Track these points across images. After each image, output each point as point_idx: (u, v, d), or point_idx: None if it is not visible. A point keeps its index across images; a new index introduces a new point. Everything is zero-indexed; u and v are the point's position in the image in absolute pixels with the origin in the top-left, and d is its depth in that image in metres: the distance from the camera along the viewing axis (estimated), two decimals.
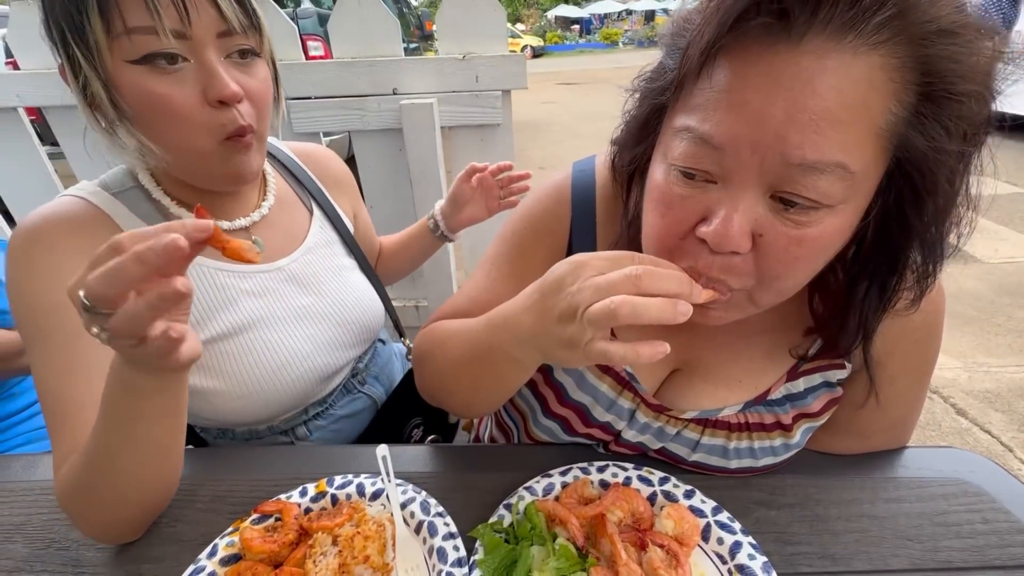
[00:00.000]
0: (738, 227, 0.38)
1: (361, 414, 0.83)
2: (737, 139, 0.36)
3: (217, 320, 0.64)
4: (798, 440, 0.57)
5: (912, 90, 0.35)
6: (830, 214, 0.37)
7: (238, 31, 0.55)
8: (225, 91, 0.54)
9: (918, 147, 0.36)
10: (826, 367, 0.55)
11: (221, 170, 0.59)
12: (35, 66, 1.40)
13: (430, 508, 0.54)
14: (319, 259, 0.75)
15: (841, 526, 0.53)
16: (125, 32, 0.50)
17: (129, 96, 0.53)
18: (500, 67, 1.37)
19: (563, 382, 0.60)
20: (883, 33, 0.33)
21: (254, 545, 0.49)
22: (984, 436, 1.84)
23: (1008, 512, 0.53)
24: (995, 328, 2.42)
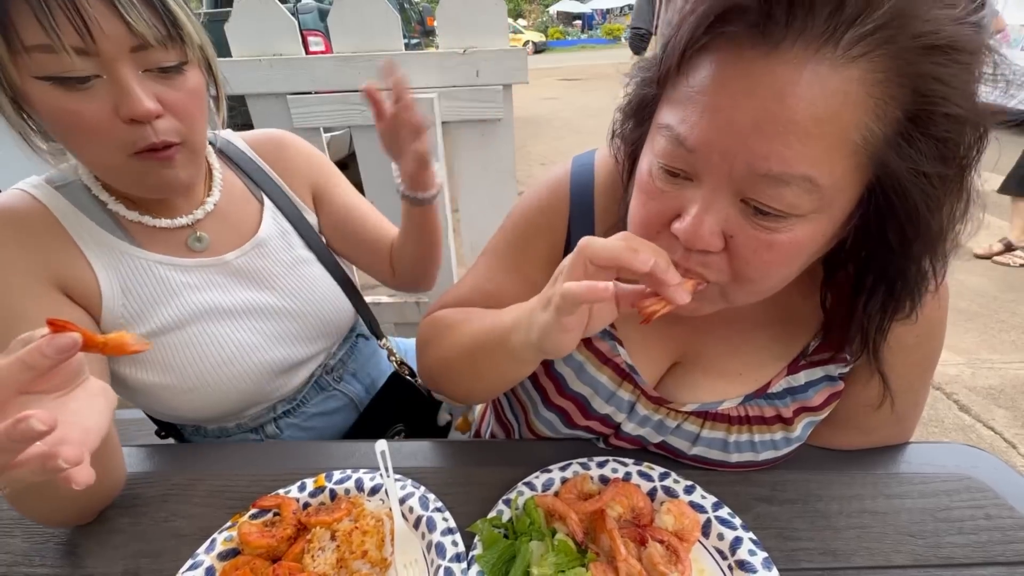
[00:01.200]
0: (707, 227, 0.38)
1: (337, 413, 0.81)
2: (708, 144, 0.36)
3: (158, 313, 0.63)
4: (799, 434, 0.56)
5: (895, 107, 0.33)
6: (801, 222, 0.37)
7: (154, 44, 0.51)
8: (138, 110, 0.50)
9: (895, 168, 0.35)
10: (827, 360, 0.55)
11: (144, 182, 0.57)
12: None
13: (429, 503, 0.53)
14: (272, 252, 0.73)
15: (843, 522, 0.53)
16: (24, 50, 0.47)
17: (40, 109, 0.50)
18: (501, 61, 1.36)
19: (563, 373, 0.60)
20: (863, 46, 0.32)
21: (252, 540, 0.49)
22: (987, 432, 1.83)
23: (1012, 508, 0.53)
24: (999, 324, 2.41)
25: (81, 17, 0.47)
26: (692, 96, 0.37)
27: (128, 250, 0.62)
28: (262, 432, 0.75)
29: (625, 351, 0.58)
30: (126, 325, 0.62)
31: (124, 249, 0.62)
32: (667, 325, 0.57)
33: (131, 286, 0.62)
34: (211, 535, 0.52)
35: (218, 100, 0.65)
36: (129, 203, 0.63)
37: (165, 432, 0.78)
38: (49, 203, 0.59)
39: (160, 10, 0.51)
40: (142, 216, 0.63)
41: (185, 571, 0.48)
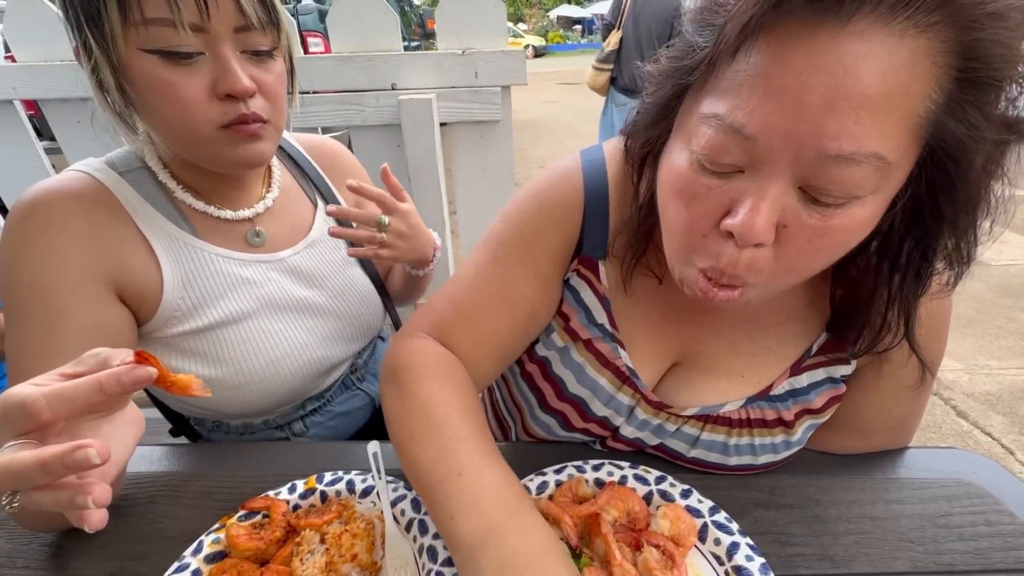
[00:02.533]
0: (765, 218, 0.36)
1: (358, 411, 0.82)
2: (770, 129, 0.34)
3: (217, 306, 0.64)
4: (799, 437, 0.56)
5: (952, 75, 0.32)
6: (858, 205, 0.36)
7: (256, 27, 0.54)
8: (236, 86, 0.53)
9: (956, 134, 0.34)
10: (829, 362, 0.55)
11: (228, 155, 0.58)
12: (31, 59, 1.39)
13: (421, 506, 0.52)
14: (321, 253, 0.74)
15: (841, 527, 0.52)
16: (143, 22, 0.49)
17: (138, 81, 0.52)
18: (500, 63, 1.36)
19: (562, 376, 0.59)
20: (935, 15, 0.31)
21: (240, 542, 0.48)
22: (985, 439, 1.83)
23: (1012, 514, 0.52)
24: (996, 330, 2.41)
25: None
26: (748, 80, 0.35)
27: (191, 241, 0.63)
28: (288, 430, 0.75)
29: (626, 354, 0.57)
30: (183, 318, 0.62)
31: (187, 240, 0.62)
32: (671, 324, 0.57)
33: (192, 278, 0.62)
34: (197, 537, 0.51)
35: (292, 93, 0.66)
36: (195, 192, 0.64)
37: (179, 431, 0.77)
38: (114, 188, 0.59)
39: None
40: (207, 206, 0.64)
41: (171, 574, 0.47)
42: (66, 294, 0.54)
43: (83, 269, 0.55)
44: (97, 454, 0.31)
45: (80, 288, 0.55)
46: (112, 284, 0.57)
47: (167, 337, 0.62)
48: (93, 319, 0.55)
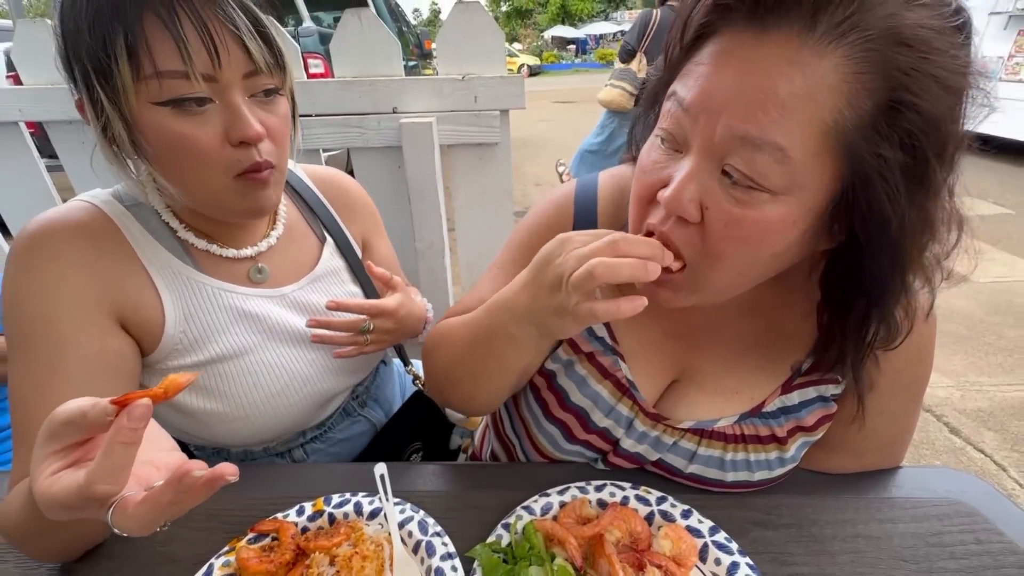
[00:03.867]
0: (688, 194, 0.42)
1: (359, 437, 0.82)
2: (697, 104, 0.41)
3: (219, 341, 0.64)
4: (793, 454, 0.57)
5: (867, 97, 0.37)
6: (772, 201, 0.40)
7: (264, 71, 0.55)
8: (248, 132, 0.54)
9: (861, 153, 0.38)
10: (819, 381, 0.57)
11: (238, 205, 0.59)
12: (38, 81, 1.41)
13: (428, 527, 0.53)
14: (326, 287, 0.75)
15: (837, 546, 0.53)
16: (155, 75, 0.50)
17: (151, 135, 0.53)
18: (499, 88, 1.40)
19: (565, 387, 0.61)
20: (837, 34, 0.36)
21: (250, 565, 0.49)
22: (977, 455, 1.85)
23: (1001, 533, 0.54)
24: (986, 347, 2.45)
25: (213, 44, 0.50)
26: (695, 69, 0.42)
27: (193, 276, 0.63)
28: (288, 456, 0.75)
29: (626, 366, 0.60)
30: (185, 351, 0.62)
31: (189, 275, 0.63)
32: (667, 341, 0.60)
33: (194, 312, 0.62)
34: (207, 560, 0.52)
35: (294, 130, 0.67)
36: (198, 232, 0.64)
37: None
38: (119, 221, 0.60)
39: (271, 38, 0.55)
40: (209, 245, 0.65)
41: None
42: (71, 324, 0.54)
43: (87, 300, 0.55)
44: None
45: (84, 318, 0.55)
46: (116, 315, 0.58)
47: (168, 369, 0.62)
48: (97, 349, 0.55)
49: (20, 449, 0.53)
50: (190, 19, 0.49)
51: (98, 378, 0.55)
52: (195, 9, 0.49)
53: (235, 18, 0.51)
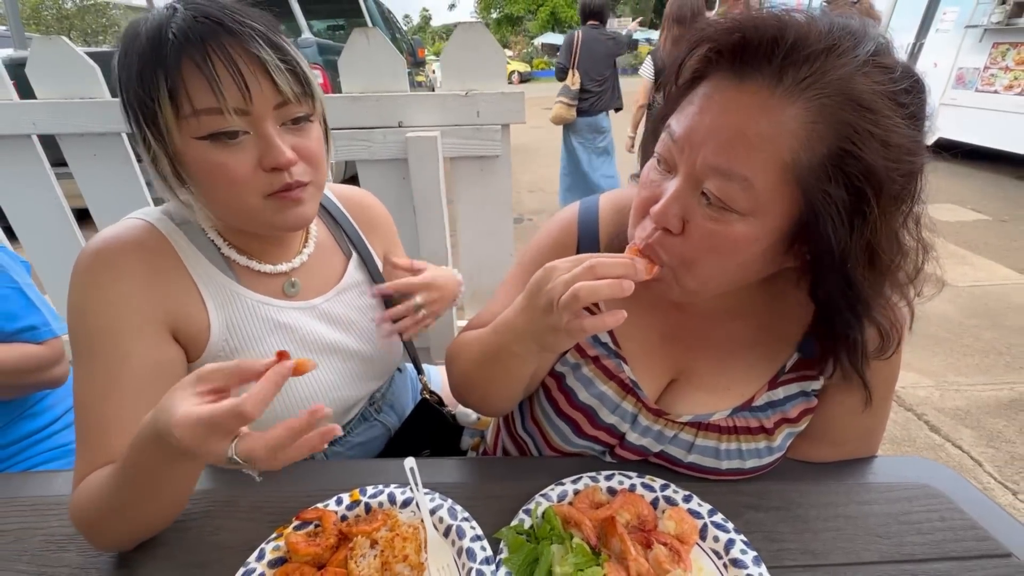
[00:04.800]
0: (673, 210, 0.50)
1: (375, 441, 0.87)
2: (683, 138, 0.49)
3: (257, 349, 0.69)
4: (779, 444, 0.64)
5: (821, 144, 0.44)
6: (740, 221, 0.48)
7: (293, 101, 0.59)
8: (280, 160, 0.58)
9: (811, 190, 0.45)
10: (801, 378, 0.64)
11: (274, 220, 0.63)
12: (51, 95, 1.45)
13: (457, 513, 0.59)
14: (350, 299, 0.80)
15: (820, 525, 0.60)
16: (193, 114, 0.55)
17: (192, 167, 0.58)
18: (500, 103, 1.46)
19: (573, 387, 0.68)
20: (800, 89, 0.44)
21: (300, 548, 0.54)
22: (955, 451, 1.94)
23: (962, 511, 0.61)
24: (964, 349, 2.55)
25: (244, 81, 0.55)
26: (687, 107, 0.51)
27: (235, 288, 0.68)
28: (310, 458, 0.79)
29: (629, 368, 0.67)
30: (225, 358, 0.67)
31: (233, 288, 0.68)
32: (666, 344, 0.67)
33: (235, 323, 0.68)
34: (255, 547, 0.57)
35: (329, 152, 0.71)
36: (239, 249, 0.70)
37: None
38: (171, 238, 0.65)
39: (298, 72, 0.59)
40: (249, 260, 0.70)
41: None
42: (131, 336, 0.60)
43: (145, 313, 0.61)
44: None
45: (143, 330, 0.61)
46: (169, 326, 0.63)
47: None
48: (154, 359, 0.61)
49: (84, 449, 0.58)
50: (221, 60, 0.54)
51: (153, 384, 0.60)
52: (225, 50, 0.54)
53: (262, 54, 0.56)
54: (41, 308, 0.97)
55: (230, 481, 0.69)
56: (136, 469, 0.50)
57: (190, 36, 0.53)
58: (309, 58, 2.92)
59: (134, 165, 1.51)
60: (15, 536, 0.62)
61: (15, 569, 0.58)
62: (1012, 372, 2.37)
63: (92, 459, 0.57)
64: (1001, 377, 2.34)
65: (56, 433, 1.01)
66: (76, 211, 1.61)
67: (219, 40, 0.54)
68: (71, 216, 1.59)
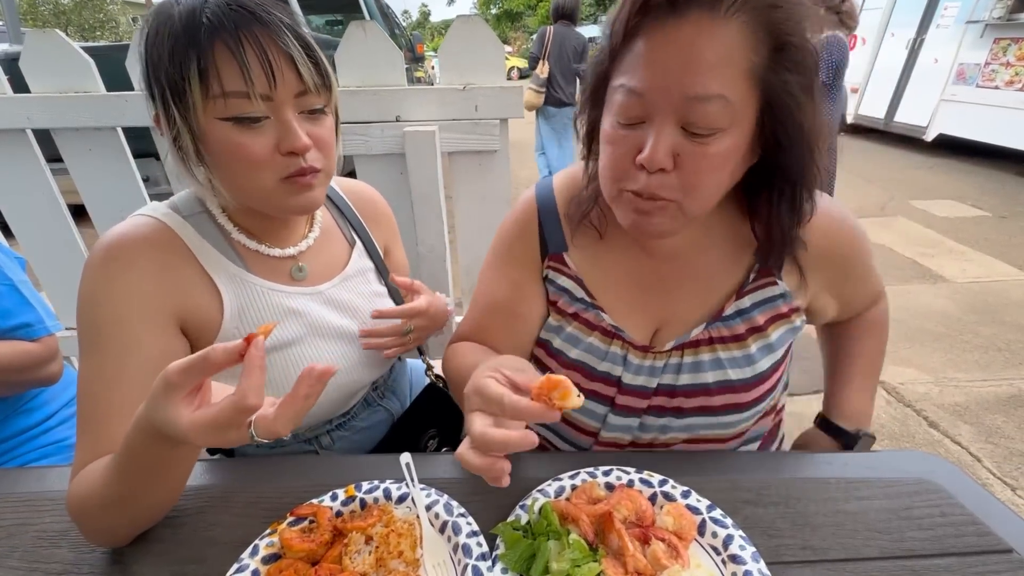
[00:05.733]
0: (662, 150, 0.53)
1: (379, 426, 0.88)
2: (653, 87, 0.53)
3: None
4: (754, 352, 0.69)
5: (764, 45, 0.51)
6: (725, 136, 0.53)
7: (312, 91, 0.61)
8: (297, 144, 0.61)
9: (773, 83, 0.53)
10: (764, 285, 0.70)
11: (286, 203, 0.66)
12: (46, 90, 1.44)
13: (453, 509, 0.59)
14: (355, 285, 0.82)
15: (820, 520, 0.60)
16: (222, 95, 0.57)
17: (213, 146, 0.60)
18: (498, 98, 1.45)
19: (562, 348, 0.74)
20: (735, 9, 0.50)
21: (294, 544, 0.54)
22: (954, 447, 1.94)
23: (963, 507, 0.60)
24: (963, 345, 2.55)
25: (271, 68, 0.58)
26: (635, 60, 0.54)
27: (245, 276, 0.70)
28: (316, 443, 0.82)
29: (607, 316, 0.72)
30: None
31: (242, 276, 0.70)
32: (644, 292, 0.73)
33: (246, 308, 0.69)
34: (249, 543, 0.56)
35: (338, 143, 0.73)
36: (248, 233, 0.72)
37: (215, 449, 0.83)
38: (179, 232, 0.67)
39: (320, 64, 0.62)
40: (259, 245, 0.72)
41: (232, 574, 0.53)
42: (141, 327, 0.61)
43: (156, 305, 0.62)
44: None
45: (152, 322, 0.62)
46: (177, 318, 0.64)
47: None
48: (160, 349, 0.62)
49: (85, 439, 0.58)
50: (252, 47, 0.57)
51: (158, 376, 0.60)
52: (256, 38, 0.57)
53: (290, 45, 0.59)
54: (36, 305, 0.96)
55: (224, 478, 0.69)
56: (135, 459, 0.50)
57: (224, 22, 0.56)
58: None
59: (129, 160, 1.50)
60: (8, 532, 0.61)
61: (7, 565, 0.57)
62: (1011, 368, 2.37)
63: (94, 447, 0.58)
64: (1000, 373, 2.34)
65: (50, 430, 1.00)
66: (72, 207, 1.60)
67: (251, 29, 0.57)
68: (67, 212, 1.58)
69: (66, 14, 15.52)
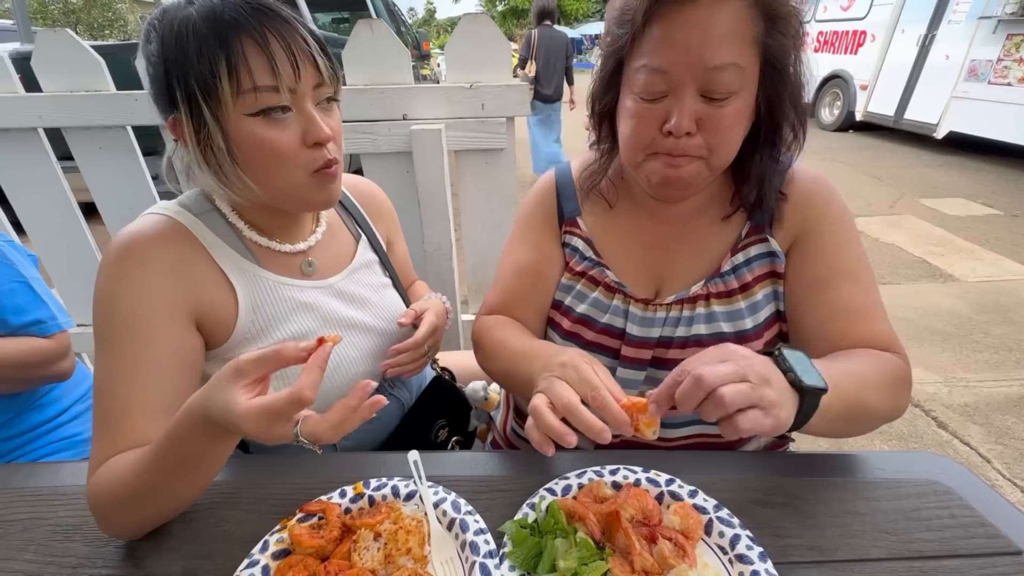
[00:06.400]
0: (687, 117, 0.62)
1: (390, 417, 0.89)
2: (675, 64, 0.61)
3: (282, 328, 0.72)
4: (743, 308, 0.74)
5: (760, 17, 0.60)
6: (738, 98, 0.62)
7: (327, 82, 0.64)
8: (321, 134, 0.63)
9: (772, 46, 0.62)
10: (756, 241, 0.76)
11: (315, 197, 0.68)
12: (57, 88, 1.45)
13: (460, 507, 0.59)
14: (362, 277, 0.84)
15: (827, 521, 0.59)
16: (253, 90, 0.59)
17: (243, 142, 0.61)
18: (505, 96, 1.45)
19: (570, 304, 0.81)
20: None
21: (304, 540, 0.54)
22: (963, 448, 1.92)
23: (972, 508, 0.60)
24: (973, 345, 2.53)
25: (296, 62, 0.60)
26: (655, 42, 0.62)
27: (257, 271, 0.71)
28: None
29: (611, 272, 0.79)
30: (251, 340, 0.70)
31: (254, 271, 0.71)
32: (648, 251, 0.80)
33: (260, 304, 0.71)
34: (259, 538, 0.57)
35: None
36: (259, 231, 0.73)
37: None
38: (192, 229, 0.68)
39: (330, 56, 0.65)
40: (270, 241, 0.73)
41: (243, 569, 0.53)
42: (157, 323, 0.62)
43: (171, 301, 0.63)
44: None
45: (168, 318, 0.63)
46: (193, 314, 0.65)
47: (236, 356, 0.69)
48: (177, 345, 0.63)
49: (104, 434, 0.59)
50: (277, 41, 0.59)
51: (174, 371, 0.63)
52: (279, 32, 0.59)
53: (307, 38, 0.62)
54: (48, 302, 0.98)
55: (234, 474, 0.69)
56: (176, 451, 0.52)
57: (249, 19, 0.58)
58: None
59: (139, 158, 1.51)
60: (23, 526, 0.62)
61: (23, 559, 0.58)
62: (1022, 368, 2.35)
63: (113, 443, 0.59)
64: (1011, 373, 2.32)
65: (62, 425, 1.02)
66: (83, 205, 1.61)
67: (275, 24, 0.59)
68: (77, 209, 1.60)
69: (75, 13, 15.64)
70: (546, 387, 0.60)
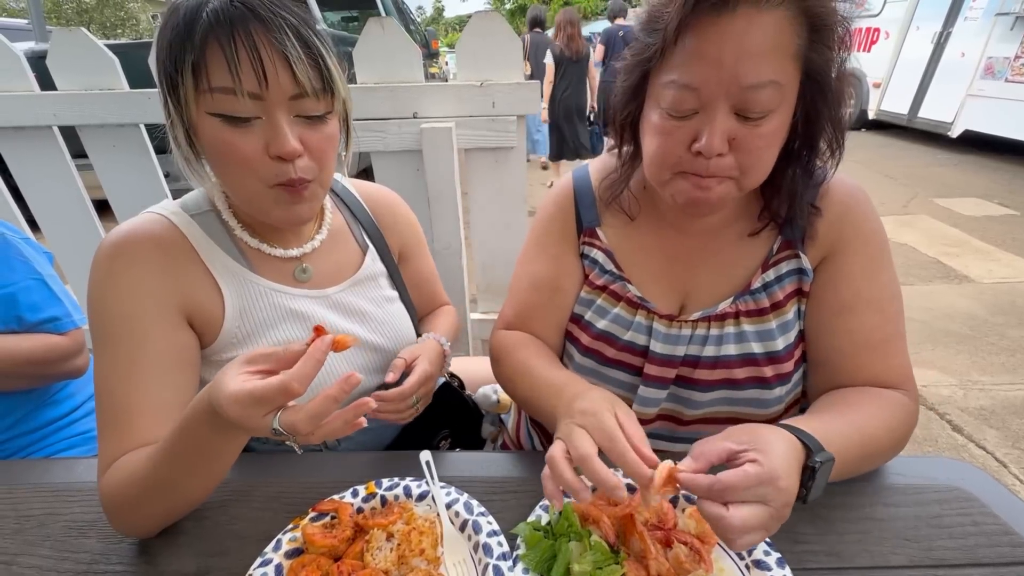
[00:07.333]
0: (719, 137, 0.57)
1: (386, 429, 0.87)
2: (708, 81, 0.55)
3: (268, 335, 0.70)
4: (774, 328, 0.70)
5: (804, 28, 0.55)
6: (775, 116, 0.57)
7: (310, 95, 0.59)
8: (284, 148, 0.58)
9: (815, 59, 0.57)
10: (787, 258, 0.71)
11: (274, 211, 0.64)
12: (72, 87, 1.46)
13: (473, 508, 0.59)
14: (366, 291, 0.81)
15: (846, 527, 0.58)
16: (209, 90, 0.56)
17: (205, 140, 0.60)
18: (515, 94, 1.44)
19: (591, 320, 0.77)
20: (780, 2, 0.53)
21: (316, 539, 0.54)
22: (979, 452, 1.89)
23: (996, 516, 0.59)
24: (989, 347, 2.49)
25: (262, 67, 0.56)
26: (687, 56, 0.56)
27: (247, 276, 0.70)
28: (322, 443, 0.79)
29: (633, 287, 0.75)
30: (238, 344, 0.68)
31: (244, 275, 0.69)
32: (671, 264, 0.75)
33: (248, 309, 0.69)
34: (271, 537, 0.57)
35: (347, 151, 0.73)
36: (252, 231, 0.71)
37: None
38: (185, 230, 0.67)
39: (321, 66, 0.59)
40: (261, 244, 0.71)
41: (256, 567, 0.53)
42: (150, 322, 0.61)
43: (162, 300, 0.62)
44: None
45: (160, 316, 0.62)
46: (184, 312, 0.65)
47: (223, 360, 0.68)
48: (171, 343, 0.63)
49: (109, 433, 0.59)
50: (244, 44, 0.55)
51: (172, 368, 0.62)
52: (250, 35, 0.55)
53: (286, 44, 0.56)
54: (63, 299, 0.98)
55: (246, 472, 0.69)
56: (184, 445, 0.52)
57: (221, 18, 0.55)
58: None
59: (152, 156, 1.53)
60: (39, 521, 0.63)
61: (39, 554, 0.59)
62: None
63: (119, 442, 0.59)
64: None
65: (77, 421, 1.02)
66: (96, 202, 1.63)
67: (247, 25, 0.55)
68: (91, 207, 1.62)
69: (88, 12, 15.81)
70: (565, 435, 0.55)
